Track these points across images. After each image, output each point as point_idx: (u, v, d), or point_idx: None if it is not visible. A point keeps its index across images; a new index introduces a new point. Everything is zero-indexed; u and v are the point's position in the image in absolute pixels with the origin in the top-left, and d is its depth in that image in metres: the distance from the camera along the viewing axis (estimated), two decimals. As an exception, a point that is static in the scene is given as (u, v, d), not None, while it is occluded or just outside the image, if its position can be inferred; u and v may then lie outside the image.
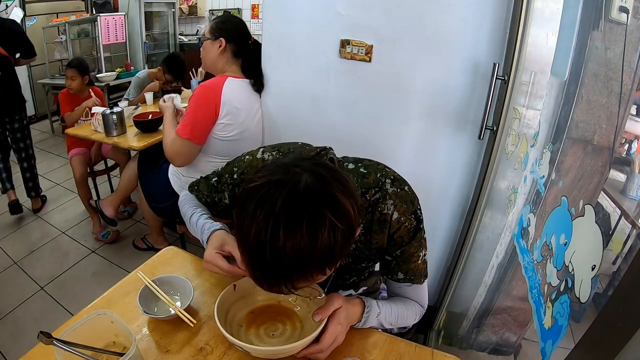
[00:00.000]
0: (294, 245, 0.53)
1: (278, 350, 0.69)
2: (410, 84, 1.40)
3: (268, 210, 0.54)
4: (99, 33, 4.31)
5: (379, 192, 0.80)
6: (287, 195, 0.54)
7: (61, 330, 0.66)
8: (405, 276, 0.85)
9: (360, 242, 0.84)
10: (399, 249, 0.82)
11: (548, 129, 0.88)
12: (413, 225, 0.80)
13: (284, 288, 0.58)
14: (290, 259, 0.54)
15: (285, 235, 0.53)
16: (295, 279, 0.57)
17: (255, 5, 4.70)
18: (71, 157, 2.44)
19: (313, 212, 0.54)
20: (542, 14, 1.07)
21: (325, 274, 0.60)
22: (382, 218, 0.80)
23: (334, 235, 0.55)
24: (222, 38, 1.53)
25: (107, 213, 2.24)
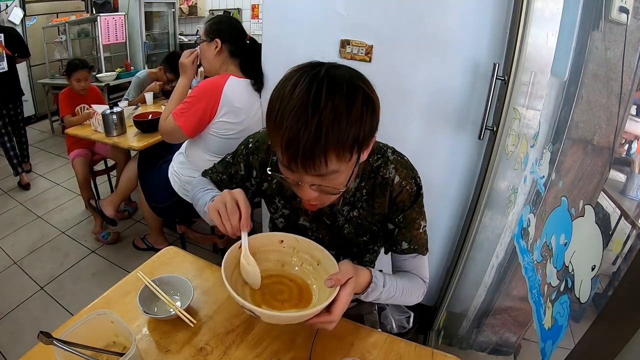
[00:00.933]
0: (333, 106, 0.59)
1: (290, 316, 0.67)
2: (410, 84, 1.40)
3: (312, 76, 0.62)
4: (99, 33, 4.31)
5: (381, 159, 0.84)
6: (329, 68, 0.63)
7: (61, 330, 0.66)
8: (409, 245, 0.86)
9: (363, 208, 0.86)
10: (400, 213, 0.84)
11: (548, 129, 0.88)
12: (414, 190, 0.83)
13: (317, 160, 0.61)
14: (329, 120, 0.59)
15: (326, 97, 0.59)
16: (329, 148, 0.60)
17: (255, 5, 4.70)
18: (73, 158, 2.44)
19: (351, 83, 0.62)
20: (542, 14, 1.07)
21: (351, 157, 0.64)
22: (384, 182, 0.83)
23: (366, 106, 0.62)
24: (217, 39, 1.54)
25: (107, 213, 2.24)
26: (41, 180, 3.22)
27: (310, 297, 0.76)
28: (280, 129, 0.61)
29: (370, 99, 0.64)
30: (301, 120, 0.59)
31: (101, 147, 2.57)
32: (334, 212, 0.88)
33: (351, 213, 0.88)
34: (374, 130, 0.67)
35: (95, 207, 2.28)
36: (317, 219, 0.90)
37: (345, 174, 0.68)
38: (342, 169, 0.65)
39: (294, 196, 0.88)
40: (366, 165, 0.84)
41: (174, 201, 1.75)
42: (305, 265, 0.81)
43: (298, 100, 0.60)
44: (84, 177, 2.43)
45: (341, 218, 0.89)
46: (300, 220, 0.92)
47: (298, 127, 0.59)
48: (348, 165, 0.66)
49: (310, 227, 0.92)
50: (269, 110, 0.65)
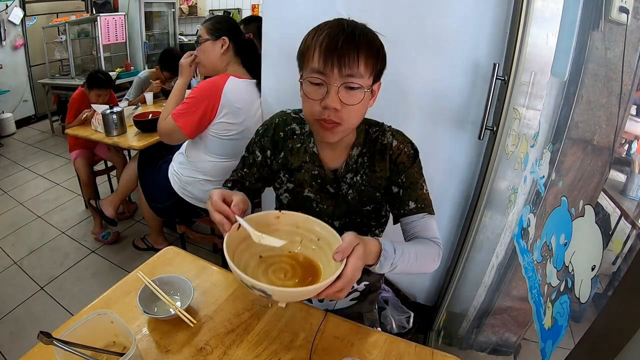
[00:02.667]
0: (362, 26, 0.79)
1: (301, 291, 0.63)
2: (410, 84, 1.40)
3: (340, 21, 0.79)
4: (99, 33, 4.31)
5: (378, 130, 0.94)
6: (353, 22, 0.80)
7: (61, 330, 0.66)
8: (416, 204, 0.88)
9: (365, 174, 0.92)
10: (402, 174, 0.90)
11: (548, 129, 0.88)
12: (411, 152, 0.91)
13: (352, 56, 0.74)
14: (361, 30, 0.77)
15: (357, 23, 0.79)
16: (361, 48, 0.74)
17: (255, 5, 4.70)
18: (75, 158, 2.44)
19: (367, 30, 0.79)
20: (542, 14, 1.07)
21: (372, 74, 0.78)
22: (382, 148, 0.91)
23: (382, 44, 0.80)
24: (224, 37, 1.53)
25: (107, 213, 2.24)
26: (41, 180, 3.22)
27: (317, 272, 0.72)
28: (320, 36, 0.76)
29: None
30: (339, 28, 0.76)
31: (101, 150, 2.57)
32: (337, 178, 0.92)
33: (354, 178, 0.92)
34: (383, 70, 0.82)
35: (95, 208, 2.28)
36: (322, 189, 0.93)
37: (364, 101, 0.79)
38: (365, 81, 0.77)
39: (298, 169, 0.94)
40: (367, 134, 0.93)
41: (174, 201, 1.75)
42: (306, 242, 0.77)
43: (334, 22, 0.78)
44: (87, 177, 2.43)
45: (344, 185, 0.93)
46: (305, 192, 0.95)
47: (337, 31, 0.75)
48: (368, 84, 0.78)
49: (314, 197, 0.94)
50: (304, 42, 0.80)
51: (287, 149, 0.96)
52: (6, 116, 4.18)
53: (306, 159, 0.94)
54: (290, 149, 0.95)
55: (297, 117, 0.97)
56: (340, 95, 0.76)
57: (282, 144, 0.96)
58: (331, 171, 0.92)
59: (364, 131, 0.93)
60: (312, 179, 0.93)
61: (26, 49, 4.43)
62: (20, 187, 3.10)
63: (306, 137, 0.94)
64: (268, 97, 1.65)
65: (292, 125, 0.97)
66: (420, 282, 1.75)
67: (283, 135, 0.96)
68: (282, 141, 0.96)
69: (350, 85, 0.76)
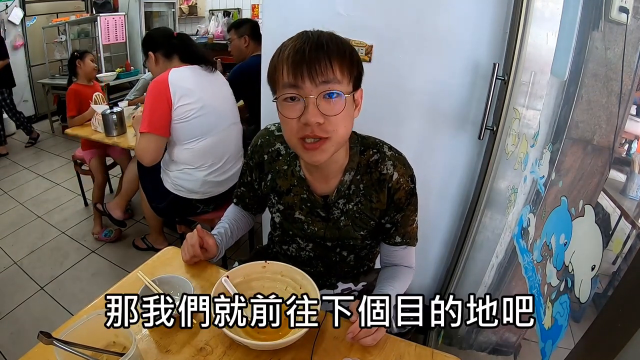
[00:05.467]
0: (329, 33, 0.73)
1: (273, 344, 0.72)
2: (410, 84, 1.40)
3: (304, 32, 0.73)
4: (99, 33, 4.32)
5: (377, 154, 0.87)
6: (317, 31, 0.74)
7: (61, 330, 0.66)
8: (402, 239, 0.93)
9: (361, 202, 0.88)
10: (398, 212, 0.88)
11: (548, 129, 0.88)
12: (410, 187, 0.87)
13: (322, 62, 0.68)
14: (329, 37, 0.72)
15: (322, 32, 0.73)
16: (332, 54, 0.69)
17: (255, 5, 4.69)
18: (90, 159, 2.44)
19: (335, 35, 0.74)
20: (542, 14, 1.07)
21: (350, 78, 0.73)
22: (382, 178, 0.86)
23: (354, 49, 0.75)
24: (149, 53, 1.73)
25: (115, 215, 2.27)
26: (41, 180, 3.22)
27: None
28: (285, 51, 0.71)
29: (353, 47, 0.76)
30: (303, 39, 0.70)
31: (115, 150, 2.54)
32: (327, 204, 0.89)
33: (347, 206, 0.89)
34: (361, 76, 0.77)
35: (102, 211, 2.29)
36: (312, 212, 0.91)
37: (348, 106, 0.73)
38: (344, 87, 0.71)
39: (287, 192, 0.92)
40: (361, 159, 0.87)
41: (170, 200, 1.76)
42: (290, 289, 0.86)
43: (296, 36, 0.73)
44: (103, 178, 2.46)
45: (336, 211, 0.90)
46: (295, 213, 0.93)
47: (301, 42, 0.70)
48: (348, 90, 0.72)
49: (305, 220, 0.93)
50: (270, 64, 0.75)
51: (274, 171, 0.93)
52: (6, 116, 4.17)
53: (294, 182, 0.90)
54: (277, 171, 0.92)
55: (280, 136, 0.91)
56: (320, 107, 0.70)
57: (268, 166, 0.93)
58: (321, 197, 0.89)
59: (358, 153, 0.86)
60: (302, 202, 0.91)
61: (26, 49, 4.43)
62: (20, 187, 3.11)
63: (292, 160, 0.90)
64: (267, 97, 1.65)
65: (277, 146, 0.92)
66: (420, 281, 1.75)
67: (267, 158, 0.93)
68: (267, 164, 0.93)
69: (329, 92, 0.70)
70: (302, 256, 1.01)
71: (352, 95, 0.75)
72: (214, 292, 0.78)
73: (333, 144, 0.74)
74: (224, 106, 1.74)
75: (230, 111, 1.78)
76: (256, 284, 0.87)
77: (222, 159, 1.74)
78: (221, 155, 1.74)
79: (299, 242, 0.99)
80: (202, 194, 1.75)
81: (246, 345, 0.73)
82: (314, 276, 0.98)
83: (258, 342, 0.72)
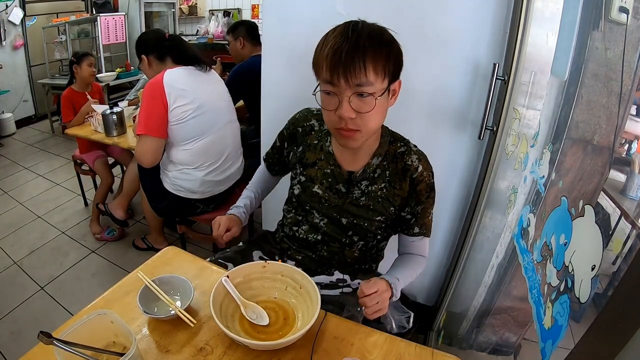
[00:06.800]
0: (369, 30, 0.76)
1: (275, 344, 0.71)
2: (410, 84, 1.39)
3: (348, 22, 0.78)
4: (99, 33, 4.31)
5: (404, 147, 0.95)
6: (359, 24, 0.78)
7: (61, 330, 0.66)
8: (420, 230, 0.99)
9: (385, 187, 0.94)
10: (418, 205, 0.95)
11: (548, 129, 0.88)
12: (431, 182, 0.94)
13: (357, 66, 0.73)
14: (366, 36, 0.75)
15: (362, 26, 0.77)
16: (367, 56, 0.74)
17: (255, 5, 4.69)
18: (93, 160, 2.43)
19: (380, 27, 0.80)
20: (542, 14, 1.07)
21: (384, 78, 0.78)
22: (407, 168, 0.92)
23: (395, 40, 0.80)
24: (142, 56, 1.76)
25: (118, 215, 2.28)
26: (41, 180, 3.22)
27: (294, 320, 0.82)
28: (325, 48, 0.76)
29: (396, 40, 0.80)
30: (343, 37, 0.75)
31: (115, 150, 2.55)
32: (350, 180, 0.94)
33: (370, 187, 0.94)
34: (400, 68, 0.82)
35: (104, 212, 2.29)
36: (331, 187, 0.96)
37: (379, 104, 0.79)
38: (377, 87, 0.77)
39: (312, 165, 0.98)
40: (389, 148, 0.94)
41: (170, 199, 1.77)
42: (290, 289, 0.86)
43: (339, 30, 0.77)
44: (110, 178, 2.46)
45: (357, 191, 0.94)
46: (314, 187, 0.97)
47: (341, 41, 0.74)
48: (381, 88, 0.77)
49: (322, 195, 0.97)
50: (315, 54, 0.80)
51: (305, 144, 1.00)
52: (6, 116, 4.18)
53: (321, 156, 0.97)
54: (308, 144, 1.00)
55: (318, 114, 1.01)
56: (352, 104, 0.77)
57: (300, 138, 1.01)
58: (347, 172, 0.94)
59: (387, 143, 0.94)
60: (324, 176, 0.96)
61: (26, 49, 4.43)
62: (20, 187, 3.11)
63: (323, 135, 0.98)
64: (267, 98, 1.65)
65: (312, 122, 1.01)
66: (420, 281, 1.75)
67: (301, 131, 1.01)
68: (300, 136, 1.01)
69: (361, 93, 0.77)
70: (309, 239, 1.03)
71: (387, 89, 0.80)
72: (214, 292, 0.78)
73: (364, 135, 0.82)
74: (220, 104, 1.74)
75: (226, 109, 1.77)
76: (256, 283, 0.87)
77: (221, 158, 1.74)
78: (219, 154, 1.73)
79: (313, 219, 1.01)
80: (202, 193, 1.75)
81: (246, 345, 0.73)
82: (316, 262, 1.03)
83: (258, 342, 0.72)
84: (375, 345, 0.78)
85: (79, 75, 2.51)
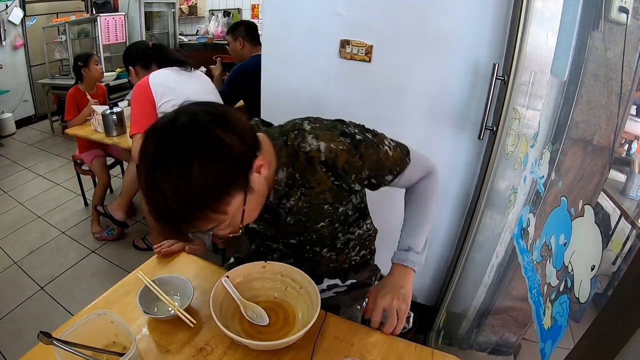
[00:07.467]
0: (171, 186, 0.56)
1: (274, 344, 0.71)
2: (410, 85, 1.40)
3: (144, 153, 0.59)
4: (99, 33, 4.30)
5: (297, 131, 0.76)
6: (160, 137, 0.59)
7: (61, 330, 0.66)
8: (392, 174, 0.84)
9: (303, 194, 0.79)
10: (360, 172, 0.77)
11: (548, 129, 0.88)
12: (348, 143, 0.75)
13: (184, 229, 0.61)
14: (175, 200, 0.57)
15: (160, 179, 0.56)
16: (189, 221, 0.60)
17: (255, 5, 4.69)
18: (91, 160, 2.43)
19: (180, 150, 0.57)
20: (542, 14, 1.07)
21: (226, 212, 0.62)
22: (309, 157, 0.75)
23: (206, 169, 0.57)
24: (129, 67, 1.90)
25: (117, 217, 2.28)
26: (41, 180, 3.22)
27: (294, 320, 0.81)
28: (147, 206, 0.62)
29: (209, 161, 0.57)
30: (153, 208, 0.59)
31: (115, 149, 2.54)
32: (270, 207, 0.82)
33: (289, 203, 0.81)
34: (237, 172, 0.62)
35: (103, 213, 2.29)
36: (261, 218, 0.84)
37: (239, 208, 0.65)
38: (219, 218, 0.63)
39: None
40: (287, 149, 0.76)
41: None
42: (290, 289, 0.86)
43: (143, 188, 0.60)
44: (108, 179, 2.46)
45: (282, 212, 0.83)
46: (250, 224, 0.89)
47: (155, 214, 0.60)
48: (226, 212, 0.63)
49: (258, 228, 0.90)
50: None
51: None
52: (6, 116, 4.17)
53: None
54: None
55: None
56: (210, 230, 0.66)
57: None
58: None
59: (283, 146, 0.76)
60: None
61: (26, 49, 4.43)
62: (20, 187, 3.10)
63: None
64: (267, 97, 1.65)
65: None
66: (420, 281, 1.75)
67: None
68: None
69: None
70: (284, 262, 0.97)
71: (244, 193, 0.65)
72: (214, 292, 0.78)
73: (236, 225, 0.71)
74: (208, 97, 1.78)
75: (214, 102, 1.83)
76: (256, 284, 0.87)
77: None
78: None
79: (271, 246, 0.97)
80: None
81: (246, 345, 0.73)
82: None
83: (258, 342, 0.72)
84: (375, 345, 0.78)
85: (89, 75, 2.53)
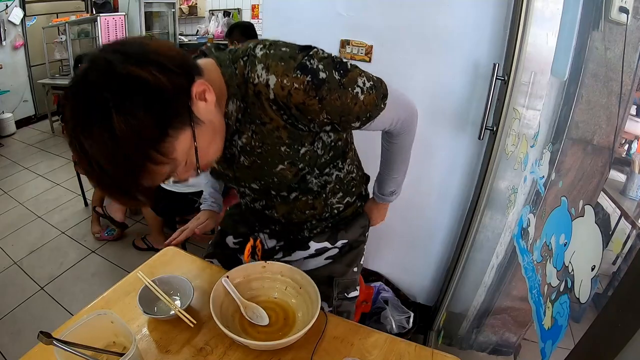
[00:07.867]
0: (99, 148, 0.50)
1: (275, 344, 0.71)
2: (410, 85, 1.40)
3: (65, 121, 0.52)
4: (99, 33, 4.31)
5: (246, 59, 0.63)
6: (74, 98, 0.52)
7: (61, 330, 0.66)
8: (359, 121, 0.70)
9: (254, 132, 0.69)
10: (316, 117, 0.65)
11: (548, 129, 0.88)
12: (307, 82, 0.61)
13: (133, 192, 0.55)
14: (108, 162, 0.51)
15: (86, 144, 0.50)
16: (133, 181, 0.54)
17: (255, 5, 4.69)
18: None
19: (96, 105, 0.49)
20: (542, 14, 1.07)
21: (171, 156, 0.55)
22: (257, 91, 0.63)
23: (128, 118, 0.49)
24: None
25: (117, 218, 2.29)
26: (41, 180, 3.22)
27: (294, 320, 0.81)
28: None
29: (129, 107, 0.49)
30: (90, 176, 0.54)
31: None
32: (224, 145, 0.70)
33: (240, 141, 0.71)
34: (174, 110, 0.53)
35: (103, 214, 2.29)
36: (222, 157, 0.75)
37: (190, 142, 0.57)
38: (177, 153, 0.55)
39: None
40: (237, 78, 0.64)
41: (165, 196, 1.78)
42: (290, 289, 0.86)
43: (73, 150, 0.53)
44: None
45: (235, 150, 0.74)
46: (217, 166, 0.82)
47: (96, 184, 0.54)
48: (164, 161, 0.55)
49: (218, 169, 0.82)
50: None
51: None
52: (6, 116, 4.17)
53: None
54: None
55: None
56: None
57: None
58: None
59: (233, 74, 0.64)
60: None
61: (26, 49, 4.43)
62: (20, 187, 3.10)
63: None
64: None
65: None
66: (420, 282, 1.75)
67: None
68: None
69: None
70: (256, 207, 0.91)
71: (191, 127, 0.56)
72: (214, 292, 0.78)
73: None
74: None
75: None
76: (256, 284, 0.87)
77: None
78: None
79: (239, 189, 0.91)
80: (196, 186, 1.77)
81: (246, 345, 0.73)
82: (281, 233, 0.96)
83: (258, 342, 0.72)
84: (375, 345, 0.78)
85: None
